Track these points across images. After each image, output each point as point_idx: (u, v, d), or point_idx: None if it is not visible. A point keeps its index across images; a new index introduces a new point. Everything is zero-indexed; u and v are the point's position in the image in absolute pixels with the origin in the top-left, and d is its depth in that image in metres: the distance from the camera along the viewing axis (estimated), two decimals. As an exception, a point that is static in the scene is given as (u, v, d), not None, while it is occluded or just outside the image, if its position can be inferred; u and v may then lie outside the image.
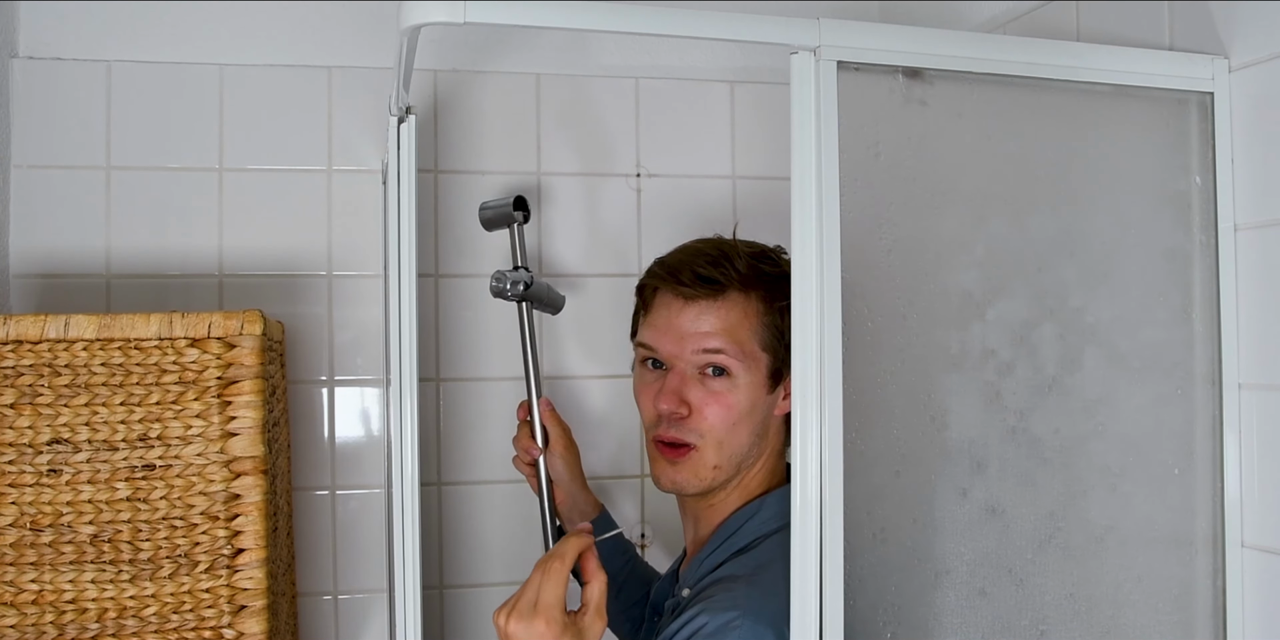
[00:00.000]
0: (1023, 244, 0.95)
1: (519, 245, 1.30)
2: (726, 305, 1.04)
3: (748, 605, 0.92)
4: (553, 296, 1.35)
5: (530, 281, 1.27)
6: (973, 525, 0.92)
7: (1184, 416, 0.98)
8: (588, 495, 1.28)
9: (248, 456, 1.07)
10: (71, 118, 1.38)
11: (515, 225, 1.30)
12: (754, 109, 1.57)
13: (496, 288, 1.27)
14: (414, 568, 1.00)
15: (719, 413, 1.03)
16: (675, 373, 1.05)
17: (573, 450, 1.27)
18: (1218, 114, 0.98)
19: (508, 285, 1.26)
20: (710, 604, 0.94)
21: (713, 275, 1.04)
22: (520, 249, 1.30)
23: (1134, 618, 0.96)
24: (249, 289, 1.42)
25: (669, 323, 1.06)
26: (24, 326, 1.04)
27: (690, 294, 1.05)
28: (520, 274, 1.27)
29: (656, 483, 1.08)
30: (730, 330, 1.03)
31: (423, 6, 0.80)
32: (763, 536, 1.02)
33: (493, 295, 1.28)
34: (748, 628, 0.90)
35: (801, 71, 0.85)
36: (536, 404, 1.25)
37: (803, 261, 0.84)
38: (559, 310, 1.37)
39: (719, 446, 1.04)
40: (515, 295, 1.27)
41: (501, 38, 1.51)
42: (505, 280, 1.27)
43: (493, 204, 1.32)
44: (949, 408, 0.92)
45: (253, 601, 1.07)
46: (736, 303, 1.04)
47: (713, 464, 1.04)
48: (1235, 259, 0.98)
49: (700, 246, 1.09)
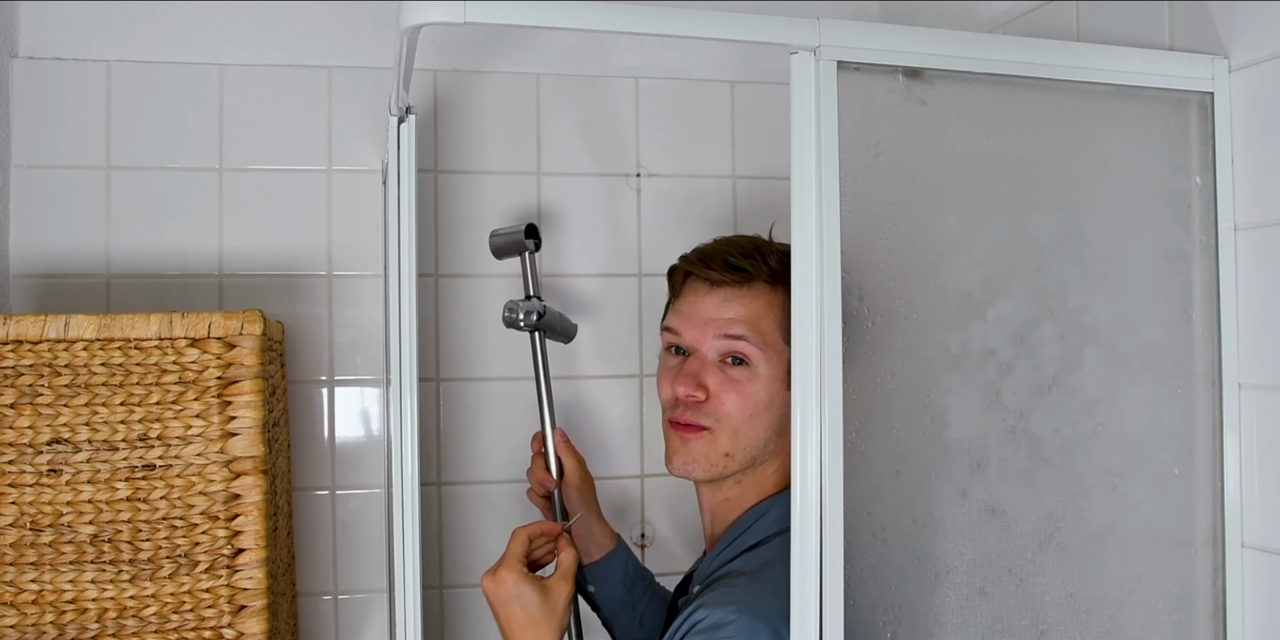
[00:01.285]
0: (1023, 244, 0.95)
1: (531, 274, 1.28)
2: (752, 295, 1.04)
3: (745, 602, 0.92)
4: (565, 325, 1.33)
5: (543, 311, 1.25)
6: (973, 525, 0.92)
7: (1184, 416, 0.98)
8: (603, 527, 1.27)
9: (248, 456, 1.07)
10: (71, 118, 1.38)
11: (527, 253, 1.28)
12: (754, 109, 1.57)
13: (509, 318, 1.25)
14: (414, 568, 1.00)
15: (736, 400, 1.03)
16: (696, 358, 1.05)
17: (588, 482, 1.26)
18: (1218, 114, 0.98)
19: (520, 316, 1.25)
20: (709, 599, 0.95)
21: (742, 265, 1.04)
22: (533, 277, 1.28)
23: (1134, 618, 0.96)
24: (249, 289, 1.42)
25: (694, 308, 1.06)
26: (24, 326, 1.04)
27: (718, 280, 1.05)
28: (533, 303, 1.25)
29: (668, 466, 1.07)
30: (754, 320, 1.03)
31: (423, 6, 0.80)
32: (772, 535, 1.02)
33: (505, 325, 1.26)
34: (743, 624, 0.90)
35: (801, 71, 0.85)
36: (551, 435, 1.24)
37: (803, 262, 0.84)
38: (571, 339, 1.36)
39: (734, 435, 1.03)
40: (528, 325, 1.25)
41: (501, 38, 1.51)
42: (518, 310, 1.25)
43: (503, 232, 1.30)
44: (949, 407, 0.92)
45: (253, 601, 1.07)
46: (763, 294, 1.04)
47: (724, 451, 1.04)
48: (1235, 259, 0.98)
49: (736, 239, 1.09)
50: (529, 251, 1.28)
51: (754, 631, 0.89)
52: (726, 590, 0.96)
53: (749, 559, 1.01)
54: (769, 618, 0.90)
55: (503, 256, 1.32)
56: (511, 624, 1.02)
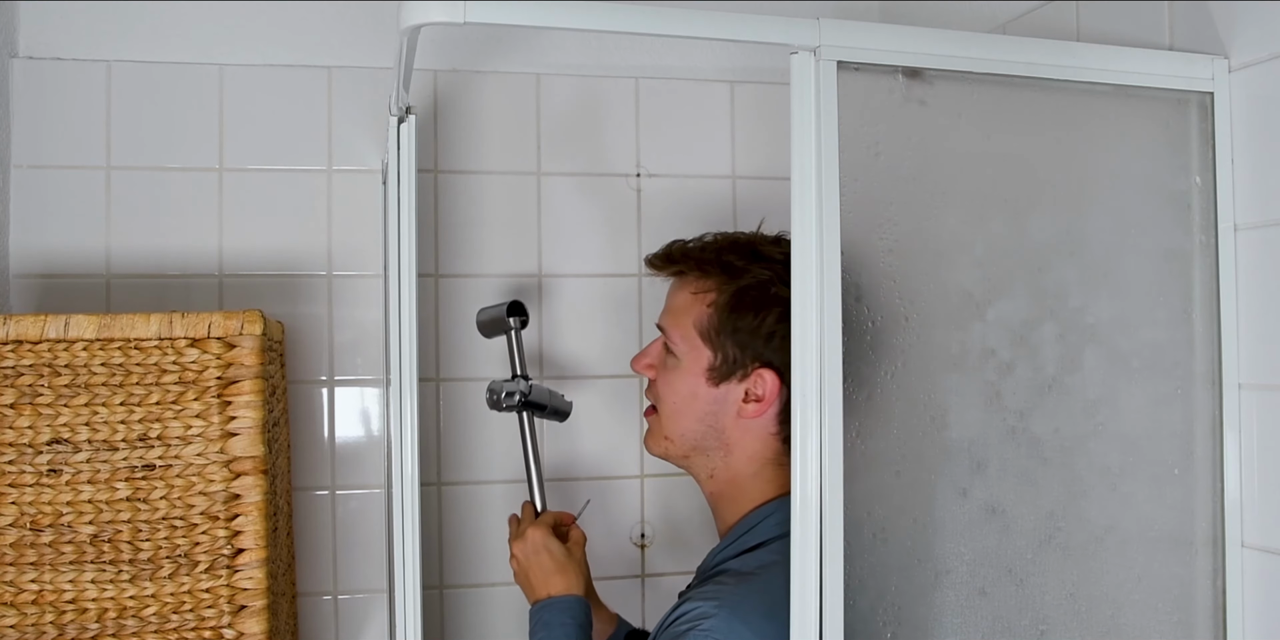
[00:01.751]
0: (1023, 244, 0.95)
1: (517, 352, 1.25)
2: (681, 287, 1.08)
3: (730, 599, 0.93)
4: (557, 403, 1.29)
5: (528, 391, 1.22)
6: (973, 525, 0.92)
7: (1184, 416, 0.98)
8: (603, 611, 1.26)
9: (248, 456, 1.07)
10: (71, 118, 1.38)
11: (511, 332, 1.25)
12: (754, 109, 1.57)
13: (491, 399, 1.22)
14: (414, 568, 1.00)
15: (663, 386, 1.08)
16: (657, 340, 1.11)
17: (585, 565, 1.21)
18: (1218, 114, 0.98)
19: (502, 397, 1.21)
20: (697, 595, 0.96)
21: (671, 252, 1.08)
22: (519, 355, 1.25)
23: (1134, 618, 0.96)
24: (249, 289, 1.42)
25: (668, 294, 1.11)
26: (24, 326, 1.04)
27: (654, 267, 1.10)
28: (516, 384, 1.22)
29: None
30: (675, 312, 1.07)
31: (423, 6, 0.80)
32: (774, 537, 1.02)
33: (489, 407, 1.23)
34: (722, 619, 0.91)
35: (801, 71, 0.85)
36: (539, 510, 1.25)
37: (803, 262, 0.84)
38: (566, 417, 1.32)
39: (670, 418, 1.07)
40: (510, 407, 1.22)
41: (501, 38, 1.51)
42: (500, 392, 1.21)
43: (488, 310, 1.26)
44: (949, 408, 0.92)
45: (253, 601, 1.07)
46: (688, 286, 1.07)
47: (664, 434, 1.08)
48: (1235, 259, 0.98)
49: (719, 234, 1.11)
50: (514, 329, 1.25)
51: (732, 629, 0.90)
52: (715, 587, 0.97)
53: (746, 559, 1.01)
54: (750, 616, 0.91)
55: (489, 335, 1.27)
56: (543, 570, 1.12)
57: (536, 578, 1.13)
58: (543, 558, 1.13)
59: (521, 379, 1.25)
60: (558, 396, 1.31)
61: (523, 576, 1.15)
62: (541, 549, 1.14)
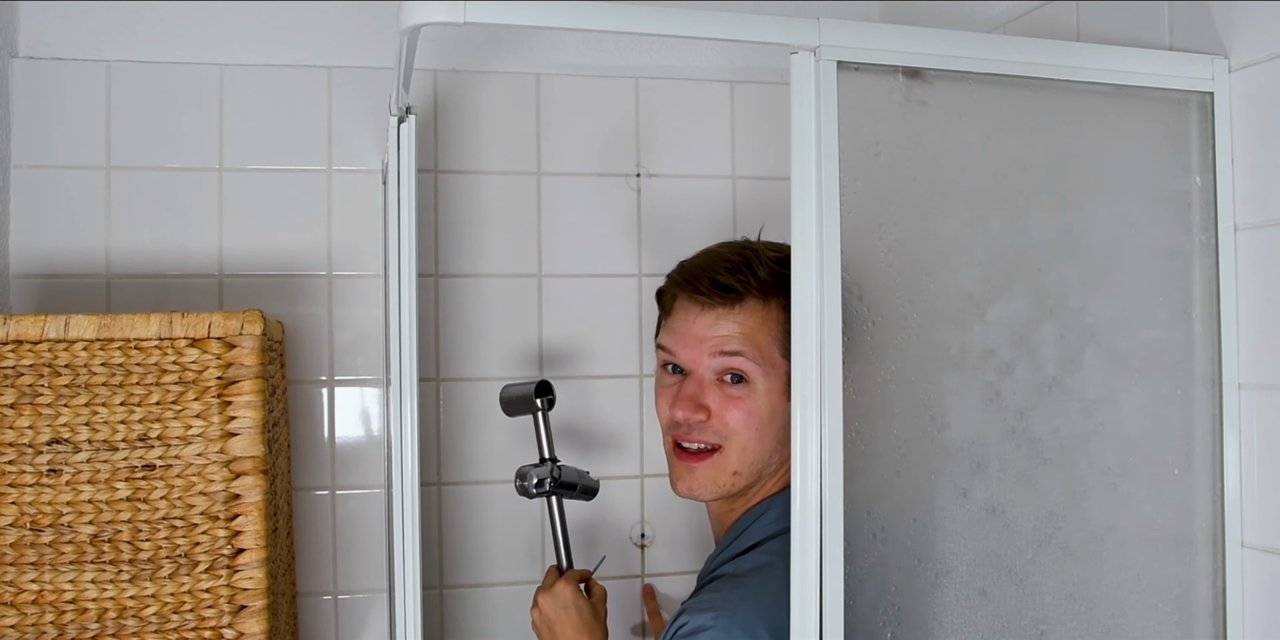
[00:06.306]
0: (1023, 244, 0.95)
1: (545, 434, 1.23)
2: (745, 312, 1.02)
3: (724, 607, 0.93)
4: (586, 483, 1.27)
5: (557, 475, 1.20)
6: (973, 525, 0.92)
7: (1184, 416, 0.98)
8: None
9: (248, 456, 1.07)
10: (71, 118, 1.38)
11: (538, 413, 1.22)
12: (754, 109, 1.57)
13: (520, 486, 1.20)
14: (414, 568, 1.00)
15: (740, 417, 1.01)
16: (693, 379, 1.04)
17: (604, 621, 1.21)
18: (1218, 114, 0.98)
19: (533, 483, 1.20)
20: (692, 605, 0.96)
21: (730, 283, 1.02)
22: (547, 438, 1.23)
23: (1134, 618, 0.96)
24: (249, 289, 1.42)
25: (687, 328, 1.04)
26: (24, 326, 1.04)
27: (707, 303, 1.03)
28: (544, 469, 1.20)
29: (674, 488, 1.06)
30: (749, 336, 1.01)
31: (423, 6, 0.80)
32: (768, 537, 1.02)
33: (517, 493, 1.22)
34: (721, 628, 0.91)
35: (801, 71, 0.85)
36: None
37: (803, 262, 0.84)
38: (594, 495, 1.30)
39: (743, 451, 1.02)
40: (540, 493, 1.21)
41: (501, 38, 1.51)
42: (530, 479, 1.20)
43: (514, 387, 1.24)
44: (949, 408, 0.92)
45: (253, 601, 1.07)
46: (755, 310, 1.02)
47: (733, 469, 1.02)
48: (1235, 259, 0.98)
49: (722, 251, 1.07)
50: (541, 411, 1.22)
51: (731, 636, 0.90)
52: (709, 595, 0.97)
53: (740, 563, 1.01)
54: (747, 622, 0.91)
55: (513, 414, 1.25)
56: (571, 627, 1.15)
57: (562, 634, 1.14)
58: (571, 614, 1.15)
59: (550, 462, 1.23)
60: (585, 475, 1.28)
61: (545, 628, 1.17)
62: (570, 605, 1.15)
